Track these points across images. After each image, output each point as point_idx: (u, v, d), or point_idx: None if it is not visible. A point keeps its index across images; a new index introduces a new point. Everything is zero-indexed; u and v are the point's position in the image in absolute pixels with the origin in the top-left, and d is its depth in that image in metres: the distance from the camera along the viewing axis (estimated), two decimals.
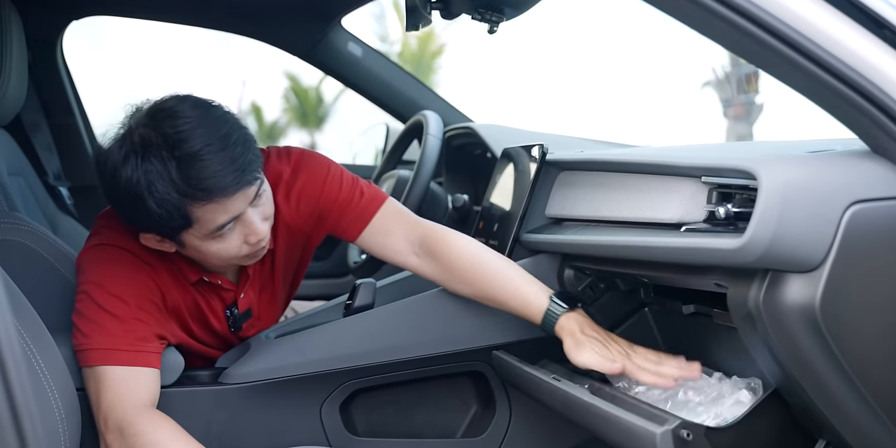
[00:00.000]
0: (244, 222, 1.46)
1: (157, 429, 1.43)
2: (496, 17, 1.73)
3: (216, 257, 1.50)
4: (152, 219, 1.41)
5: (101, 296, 1.49)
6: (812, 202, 1.06)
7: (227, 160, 1.39)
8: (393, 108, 2.84)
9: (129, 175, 1.39)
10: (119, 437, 1.42)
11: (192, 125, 1.40)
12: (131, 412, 1.43)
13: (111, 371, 1.45)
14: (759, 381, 1.33)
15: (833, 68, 1.06)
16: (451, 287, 1.64)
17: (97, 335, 1.47)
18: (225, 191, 1.39)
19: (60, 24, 2.68)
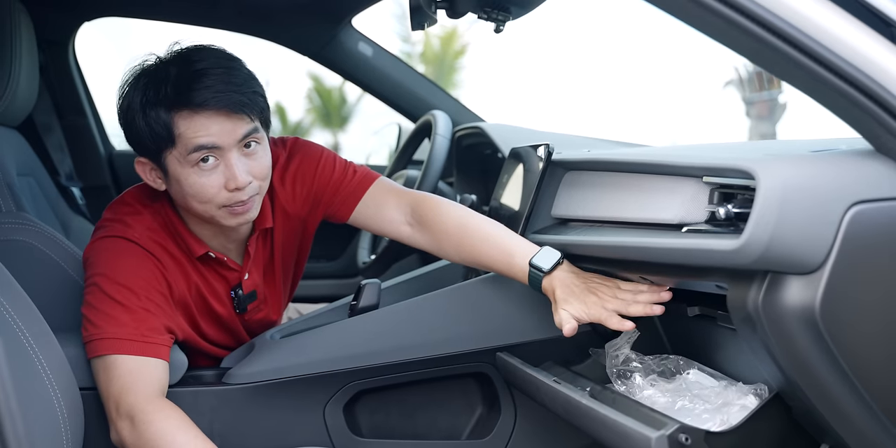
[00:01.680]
0: (226, 162, 1.48)
1: (167, 418, 1.44)
2: (502, 15, 1.71)
3: (195, 194, 1.50)
4: (143, 136, 1.47)
5: (109, 286, 1.51)
6: (812, 202, 1.04)
7: (223, 81, 1.46)
8: (404, 108, 2.83)
9: (132, 93, 1.49)
10: (130, 424, 1.43)
11: (206, 54, 1.50)
12: (142, 400, 1.44)
13: (121, 360, 1.46)
14: (766, 387, 1.31)
15: (835, 66, 1.04)
16: (443, 253, 1.69)
17: (107, 325, 1.48)
18: (208, 104, 1.44)
19: (72, 25, 2.70)
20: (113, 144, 2.95)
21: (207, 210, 1.53)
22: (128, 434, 1.43)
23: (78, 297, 1.65)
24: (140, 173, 1.56)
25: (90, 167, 2.76)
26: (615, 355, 1.48)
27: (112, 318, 1.48)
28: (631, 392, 1.41)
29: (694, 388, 1.38)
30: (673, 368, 1.46)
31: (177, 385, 1.58)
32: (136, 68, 1.52)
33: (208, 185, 1.49)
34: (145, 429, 1.42)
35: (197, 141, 1.45)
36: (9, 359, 1.24)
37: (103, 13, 2.73)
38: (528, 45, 24.41)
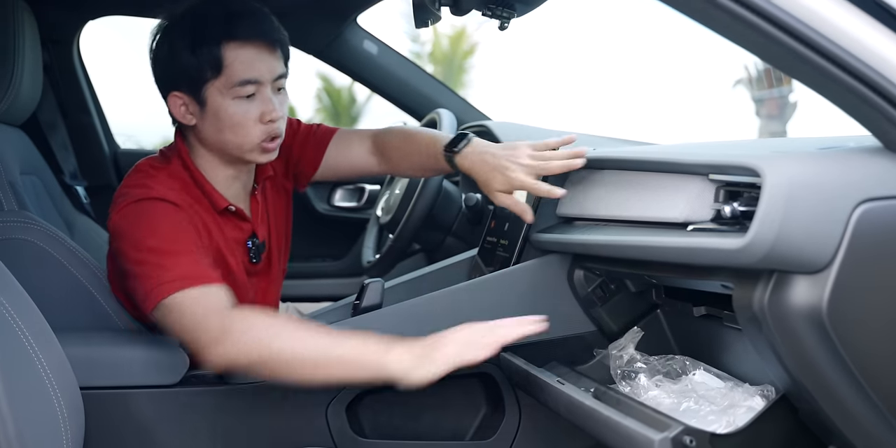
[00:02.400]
0: (263, 97, 1.59)
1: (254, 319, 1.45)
2: (507, 13, 1.70)
3: (233, 126, 1.58)
4: (188, 69, 1.56)
5: (147, 243, 1.52)
6: (819, 200, 1.02)
7: (265, 19, 1.61)
8: (409, 107, 2.81)
9: (176, 35, 1.59)
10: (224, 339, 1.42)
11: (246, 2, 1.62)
12: (224, 316, 1.45)
13: (185, 295, 1.47)
14: (773, 388, 1.29)
15: (843, 61, 1.03)
16: (401, 170, 1.89)
17: (160, 273, 1.49)
18: (256, 37, 1.56)
19: (76, 24, 2.69)
20: (118, 143, 2.95)
21: (243, 144, 1.61)
22: (227, 349, 1.42)
23: (81, 296, 1.65)
24: (171, 107, 1.63)
25: (95, 166, 2.75)
26: (619, 356, 1.46)
27: (160, 266, 1.49)
28: (636, 393, 1.39)
29: (700, 389, 1.36)
30: (678, 369, 1.45)
31: (178, 385, 1.57)
32: (172, 16, 1.62)
33: (248, 117, 1.58)
34: (240, 336, 1.42)
35: (243, 74, 1.56)
36: (5, 358, 1.24)
37: (107, 12, 2.72)
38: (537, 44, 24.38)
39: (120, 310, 1.69)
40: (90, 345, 1.58)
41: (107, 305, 1.68)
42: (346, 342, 1.40)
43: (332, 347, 1.40)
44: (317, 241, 2.94)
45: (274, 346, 1.41)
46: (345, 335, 1.42)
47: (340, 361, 1.40)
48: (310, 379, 1.41)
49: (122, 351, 1.61)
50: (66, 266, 1.66)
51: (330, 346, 1.40)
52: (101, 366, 1.56)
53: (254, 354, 1.41)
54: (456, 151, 1.64)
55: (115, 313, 1.69)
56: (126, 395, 1.56)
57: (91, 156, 2.75)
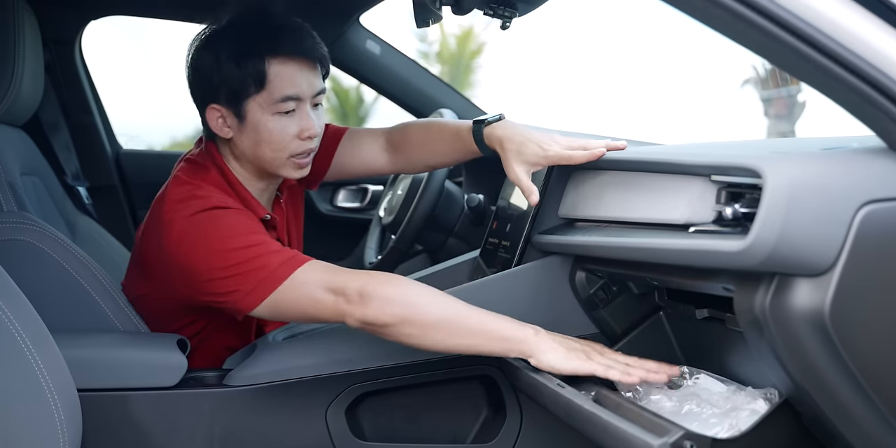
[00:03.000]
0: (302, 113, 1.60)
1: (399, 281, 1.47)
2: (509, 12, 1.69)
3: (271, 141, 1.59)
4: (232, 82, 1.56)
5: (231, 243, 1.51)
6: (821, 202, 1.00)
7: (307, 35, 1.61)
8: (412, 106, 2.80)
9: (219, 48, 1.58)
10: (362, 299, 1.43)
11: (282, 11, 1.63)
12: (360, 276, 1.46)
13: (300, 273, 1.48)
14: (776, 392, 1.27)
15: (845, 61, 1.01)
16: (415, 164, 1.86)
17: (263, 264, 1.49)
18: (305, 52, 1.58)
19: (78, 24, 2.69)
20: (120, 143, 2.95)
21: (276, 158, 1.62)
22: (373, 309, 1.42)
23: (79, 297, 1.64)
24: (209, 120, 1.63)
25: (97, 167, 2.75)
26: None
27: (260, 257, 1.49)
28: (637, 397, 1.38)
29: (702, 393, 1.35)
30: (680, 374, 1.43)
31: (176, 386, 1.56)
32: (215, 25, 1.62)
33: (286, 133, 1.59)
34: (386, 297, 1.42)
35: (285, 91, 1.57)
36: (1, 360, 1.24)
37: (109, 12, 2.72)
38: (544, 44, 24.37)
39: (119, 311, 1.68)
40: (88, 346, 1.58)
41: (105, 307, 1.67)
42: (489, 313, 1.43)
43: (478, 315, 1.43)
44: (320, 241, 2.93)
45: (421, 307, 1.42)
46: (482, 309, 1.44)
47: (484, 330, 1.42)
48: (445, 344, 1.43)
49: (120, 352, 1.60)
50: (64, 267, 1.65)
51: (476, 314, 1.43)
52: (99, 367, 1.55)
53: (401, 313, 1.42)
54: (489, 122, 1.65)
55: (114, 315, 1.68)
56: (124, 397, 1.56)
57: (93, 156, 2.75)
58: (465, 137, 1.70)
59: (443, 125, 1.80)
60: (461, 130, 1.72)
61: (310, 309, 1.49)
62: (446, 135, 1.76)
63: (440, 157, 1.83)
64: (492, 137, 1.64)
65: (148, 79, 5.64)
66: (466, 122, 1.72)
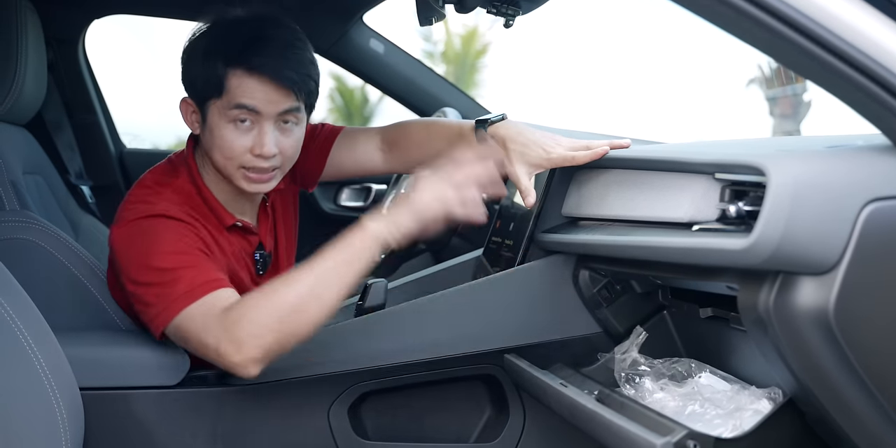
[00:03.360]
0: (260, 129, 1.56)
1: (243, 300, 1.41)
2: (512, 10, 1.69)
3: (221, 148, 1.57)
4: (196, 81, 1.56)
5: (153, 260, 1.48)
6: (825, 200, 1.00)
7: (285, 54, 1.54)
8: (416, 106, 2.80)
9: (199, 40, 1.58)
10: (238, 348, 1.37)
11: (284, 26, 1.59)
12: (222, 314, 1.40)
13: (194, 308, 1.43)
14: (780, 391, 1.27)
15: (851, 58, 1.00)
16: (412, 164, 1.78)
17: (166, 293, 1.45)
18: (262, 71, 1.51)
19: (81, 23, 2.69)
20: (123, 142, 2.95)
21: (227, 166, 1.59)
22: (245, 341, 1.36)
23: (81, 295, 1.64)
24: (182, 112, 1.64)
25: (100, 165, 2.76)
26: (623, 359, 1.44)
27: (164, 286, 1.45)
28: (640, 396, 1.37)
29: (706, 392, 1.34)
30: (684, 372, 1.42)
31: (179, 386, 1.56)
32: (210, 20, 1.62)
33: (237, 144, 1.56)
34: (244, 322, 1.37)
35: (242, 99, 1.53)
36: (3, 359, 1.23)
37: (112, 11, 2.72)
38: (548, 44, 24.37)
39: (120, 310, 1.68)
40: (90, 345, 1.58)
41: (107, 306, 1.67)
42: (326, 254, 1.41)
43: (319, 265, 1.40)
44: (323, 240, 2.92)
45: (275, 301, 1.37)
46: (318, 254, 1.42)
47: (335, 274, 1.40)
48: (330, 301, 1.38)
49: (123, 351, 1.60)
50: (66, 266, 1.65)
51: (317, 265, 1.40)
52: (102, 366, 1.55)
53: (269, 322, 1.36)
54: (492, 122, 1.64)
55: (116, 313, 1.68)
56: (126, 396, 1.55)
57: (96, 155, 2.75)
58: (468, 137, 1.69)
59: (444, 124, 1.78)
60: (463, 130, 1.70)
61: (201, 353, 1.44)
62: (448, 133, 1.75)
63: (440, 156, 1.81)
64: (495, 137, 1.63)
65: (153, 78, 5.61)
66: (468, 121, 1.71)
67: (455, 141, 1.72)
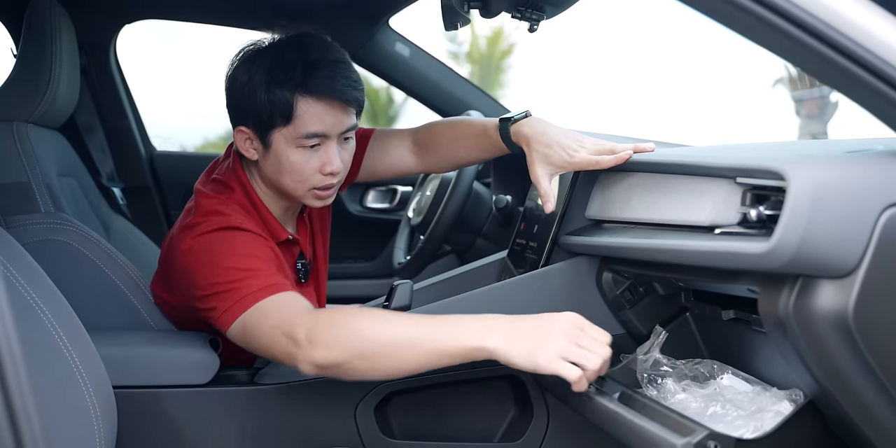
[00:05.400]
0: (327, 149, 1.60)
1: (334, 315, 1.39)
2: (536, 15, 1.70)
3: (292, 172, 1.60)
4: (259, 110, 1.57)
5: (229, 262, 1.50)
6: (845, 204, 1.01)
7: (342, 75, 1.58)
8: (442, 108, 2.81)
9: (255, 70, 1.57)
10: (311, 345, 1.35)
11: (322, 44, 1.61)
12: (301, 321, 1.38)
13: (262, 306, 1.44)
14: (801, 393, 1.27)
15: (870, 64, 1.01)
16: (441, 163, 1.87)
17: (238, 289, 1.47)
18: (331, 94, 1.55)
19: (113, 28, 2.73)
20: (154, 145, 3.00)
21: (297, 189, 1.63)
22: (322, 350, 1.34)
23: (114, 296, 1.68)
24: (236, 140, 1.65)
25: (131, 168, 2.79)
26: (645, 359, 1.45)
27: (238, 282, 1.47)
28: (662, 397, 1.38)
29: (727, 393, 1.35)
30: (706, 373, 1.43)
31: (208, 384, 1.59)
32: (251, 47, 1.62)
33: (307, 167, 1.60)
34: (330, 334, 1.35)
35: (311, 128, 1.57)
36: (40, 357, 1.27)
37: (143, 16, 2.76)
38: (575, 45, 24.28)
39: (152, 310, 1.72)
40: (123, 344, 1.61)
41: (139, 306, 1.71)
42: (440, 323, 1.33)
43: (427, 328, 1.32)
44: (349, 242, 2.96)
45: (367, 335, 1.33)
46: (438, 317, 1.34)
47: (436, 348, 1.30)
48: (408, 365, 1.33)
49: (155, 351, 1.63)
50: (100, 267, 1.69)
51: (424, 328, 1.33)
52: (134, 365, 1.59)
53: (349, 348, 1.33)
54: (516, 120, 1.65)
55: (148, 313, 1.71)
56: (158, 395, 1.59)
57: (128, 158, 2.79)
58: (493, 134, 1.71)
59: (469, 123, 1.80)
60: (488, 128, 1.72)
61: (268, 345, 1.43)
62: (473, 132, 1.77)
63: (467, 154, 1.83)
64: (518, 135, 1.64)
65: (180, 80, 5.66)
66: (493, 119, 1.73)
67: (479, 138, 1.75)
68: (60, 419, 1.26)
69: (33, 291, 1.32)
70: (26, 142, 1.96)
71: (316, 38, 1.62)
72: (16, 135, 1.96)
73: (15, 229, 1.64)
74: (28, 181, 1.89)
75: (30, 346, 1.02)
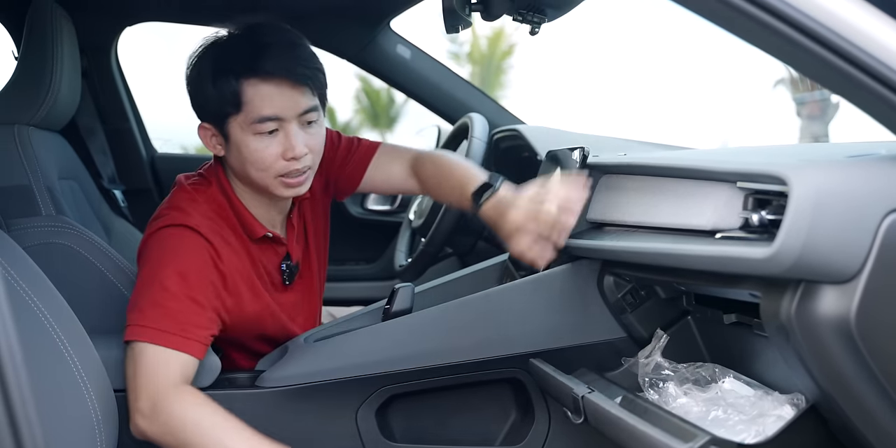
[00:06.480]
0: (286, 133, 1.55)
1: (192, 405, 1.44)
2: (538, 18, 1.70)
3: (253, 161, 1.57)
4: (210, 102, 1.55)
5: (163, 273, 1.52)
6: (847, 210, 1.01)
7: (291, 54, 1.54)
8: (443, 111, 2.81)
9: (202, 63, 1.56)
10: (152, 414, 1.43)
11: (273, 28, 1.58)
12: (164, 389, 1.44)
13: (153, 349, 1.47)
14: (803, 397, 1.27)
15: (872, 69, 1.01)
16: (436, 195, 1.86)
17: (151, 313, 1.48)
18: (276, 73, 1.51)
19: (114, 30, 2.73)
20: (155, 147, 2.99)
21: (263, 178, 1.59)
22: (149, 424, 1.43)
23: (115, 299, 1.67)
24: (202, 138, 1.63)
25: (132, 170, 2.79)
26: (646, 363, 1.45)
27: (158, 306, 1.49)
28: (664, 401, 1.38)
29: (729, 397, 1.35)
30: (708, 376, 1.43)
31: (209, 388, 1.59)
32: (206, 40, 1.60)
33: (267, 153, 1.56)
34: (168, 418, 1.42)
35: (263, 111, 1.53)
36: (40, 360, 1.27)
37: (144, 18, 2.75)
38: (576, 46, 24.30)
39: None
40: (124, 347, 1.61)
41: None
42: None
43: None
44: (350, 244, 2.95)
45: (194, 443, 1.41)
46: None
47: None
48: None
49: None
50: (101, 270, 1.69)
51: None
52: None
53: (171, 441, 1.43)
54: (485, 199, 1.58)
55: None
56: None
57: (129, 160, 2.79)
58: (467, 197, 1.63)
59: (454, 173, 1.71)
60: (465, 190, 1.63)
61: (127, 382, 1.48)
62: (455, 183, 1.69)
63: (448, 200, 1.80)
64: (485, 215, 1.58)
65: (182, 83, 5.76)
66: (471, 180, 1.63)
67: (458, 192, 1.67)
68: (61, 423, 1.26)
69: (34, 294, 1.32)
70: (27, 144, 1.96)
71: (268, 25, 1.59)
72: (17, 137, 1.96)
73: (16, 232, 1.64)
74: (29, 184, 1.89)
75: (31, 350, 1.02)
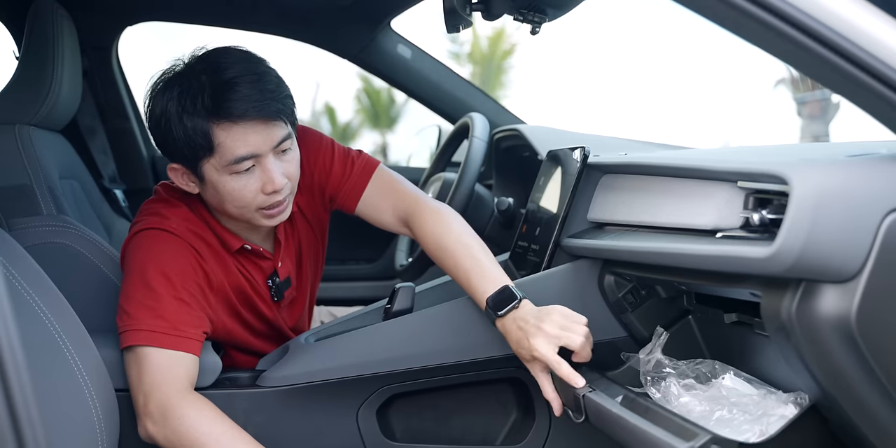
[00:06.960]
0: (263, 167, 1.51)
1: (200, 411, 1.45)
2: (538, 17, 1.70)
3: (233, 200, 1.53)
4: (179, 144, 1.48)
5: (147, 274, 1.51)
6: (847, 209, 1.01)
7: (256, 90, 1.46)
8: (443, 110, 2.82)
9: (166, 102, 1.48)
10: (161, 419, 1.43)
11: (234, 59, 1.50)
12: (174, 395, 1.45)
13: (153, 353, 1.47)
14: (806, 396, 1.27)
15: (873, 68, 1.01)
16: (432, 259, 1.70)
17: (142, 316, 1.49)
18: (247, 114, 1.45)
19: (115, 30, 2.73)
20: (156, 147, 2.99)
21: (244, 213, 1.56)
22: (159, 429, 1.44)
23: (116, 299, 1.67)
24: (172, 178, 1.59)
25: (133, 170, 2.79)
26: (647, 360, 1.45)
27: (147, 308, 1.49)
28: (667, 400, 1.38)
29: (732, 396, 1.35)
30: (708, 373, 1.43)
31: (210, 387, 1.59)
32: (165, 75, 1.53)
33: (246, 190, 1.52)
34: (178, 424, 1.43)
35: (237, 153, 1.48)
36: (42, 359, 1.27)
37: (145, 18, 2.76)
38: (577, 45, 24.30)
39: None
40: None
41: None
42: None
43: None
44: (351, 244, 2.95)
45: None
46: None
47: None
48: None
49: None
50: (101, 269, 1.69)
51: None
52: None
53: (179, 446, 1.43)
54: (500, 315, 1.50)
55: None
56: None
57: (130, 160, 2.79)
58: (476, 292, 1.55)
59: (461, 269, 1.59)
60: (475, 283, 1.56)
61: (131, 388, 1.48)
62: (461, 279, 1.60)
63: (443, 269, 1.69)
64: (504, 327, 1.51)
65: None
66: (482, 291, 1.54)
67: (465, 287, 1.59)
68: (62, 422, 1.26)
69: (35, 294, 1.32)
70: (28, 144, 1.96)
71: (226, 55, 1.51)
72: (18, 137, 1.96)
73: (17, 232, 1.64)
74: (30, 184, 1.90)
75: (32, 349, 1.02)
